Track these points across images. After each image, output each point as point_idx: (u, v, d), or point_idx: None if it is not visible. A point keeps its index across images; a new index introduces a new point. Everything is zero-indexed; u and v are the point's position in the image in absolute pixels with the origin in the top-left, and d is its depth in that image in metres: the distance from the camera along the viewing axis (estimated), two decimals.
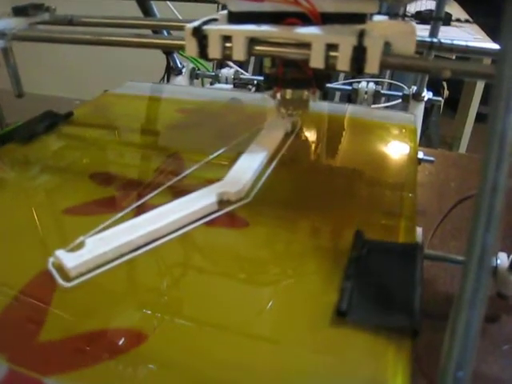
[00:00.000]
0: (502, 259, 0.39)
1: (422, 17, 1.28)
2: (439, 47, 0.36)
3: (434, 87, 0.68)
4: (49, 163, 0.35)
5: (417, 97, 0.64)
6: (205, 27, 0.27)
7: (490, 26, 1.00)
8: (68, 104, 0.51)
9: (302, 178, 0.33)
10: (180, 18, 0.66)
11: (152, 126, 0.44)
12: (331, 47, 0.25)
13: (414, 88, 0.64)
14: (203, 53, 0.27)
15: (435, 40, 0.36)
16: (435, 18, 0.53)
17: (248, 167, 0.31)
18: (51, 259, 0.23)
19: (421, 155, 0.43)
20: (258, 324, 0.21)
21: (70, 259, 0.23)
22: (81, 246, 0.24)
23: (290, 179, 0.32)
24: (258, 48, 0.27)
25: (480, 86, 1.26)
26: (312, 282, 0.23)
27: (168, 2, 0.78)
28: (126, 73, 0.53)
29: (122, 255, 0.24)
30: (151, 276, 0.24)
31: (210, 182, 0.29)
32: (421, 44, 0.37)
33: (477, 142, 1.30)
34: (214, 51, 0.27)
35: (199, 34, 0.27)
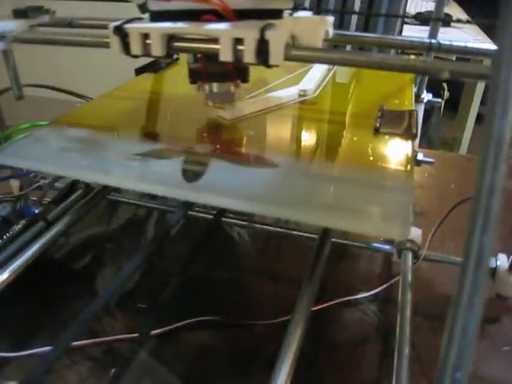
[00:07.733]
0: (502, 260, 0.39)
1: (421, 18, 1.29)
2: (438, 48, 0.36)
3: (435, 89, 0.68)
4: (178, 84, 0.52)
5: (416, 98, 0.64)
6: (126, 26, 0.29)
7: (489, 26, 1.00)
8: (68, 106, 0.51)
9: (344, 84, 0.55)
10: None
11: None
12: (238, 41, 0.26)
13: (414, 89, 0.64)
14: (127, 50, 0.29)
15: (434, 41, 0.36)
16: (434, 19, 0.53)
17: (315, 76, 0.50)
18: (218, 111, 0.40)
19: (421, 157, 0.43)
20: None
21: (228, 112, 0.40)
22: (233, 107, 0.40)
23: (339, 85, 0.54)
24: (176, 44, 0.29)
25: (480, 87, 1.26)
26: (359, 126, 0.41)
27: None
28: (126, 75, 0.54)
29: (258, 112, 0.42)
30: (270, 124, 0.43)
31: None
32: (420, 45, 0.37)
33: (477, 143, 1.29)
34: (136, 48, 0.29)
35: (121, 32, 0.29)
